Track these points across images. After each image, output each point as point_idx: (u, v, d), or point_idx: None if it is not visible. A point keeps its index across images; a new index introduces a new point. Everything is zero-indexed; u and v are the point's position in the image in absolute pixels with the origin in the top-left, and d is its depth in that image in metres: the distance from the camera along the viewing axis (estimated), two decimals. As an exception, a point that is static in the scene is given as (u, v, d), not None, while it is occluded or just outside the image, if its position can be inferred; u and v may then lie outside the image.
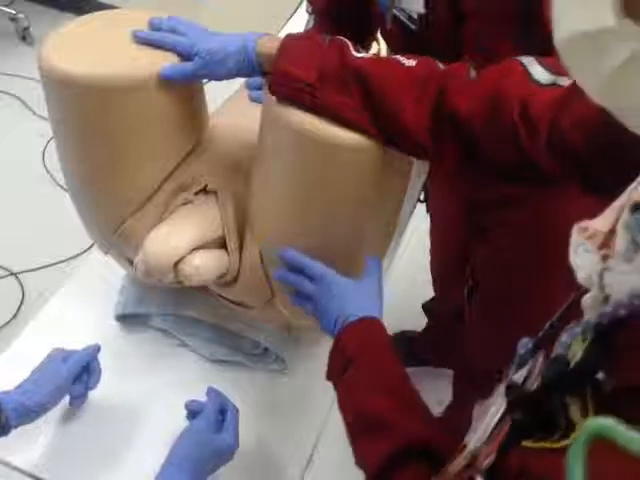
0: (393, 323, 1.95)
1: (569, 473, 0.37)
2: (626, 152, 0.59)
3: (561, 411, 0.46)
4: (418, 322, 1.87)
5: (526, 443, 0.48)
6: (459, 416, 1.38)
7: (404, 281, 1.81)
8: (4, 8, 2.85)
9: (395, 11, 0.96)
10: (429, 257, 1.58)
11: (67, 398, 0.95)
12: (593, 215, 0.59)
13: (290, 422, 1.03)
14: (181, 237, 0.88)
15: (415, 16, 0.94)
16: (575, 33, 0.39)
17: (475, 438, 0.57)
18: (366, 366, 0.75)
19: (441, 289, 1.67)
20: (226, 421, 0.91)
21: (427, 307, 1.84)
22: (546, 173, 0.74)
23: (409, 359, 1.92)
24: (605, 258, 0.48)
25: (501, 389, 0.61)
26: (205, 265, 0.89)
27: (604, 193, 0.55)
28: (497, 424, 0.54)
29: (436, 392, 1.74)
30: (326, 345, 1.12)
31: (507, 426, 0.52)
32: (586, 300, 0.50)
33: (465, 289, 1.32)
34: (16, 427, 0.85)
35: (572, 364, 0.47)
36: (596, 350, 0.45)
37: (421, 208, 1.36)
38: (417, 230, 1.42)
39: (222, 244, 0.94)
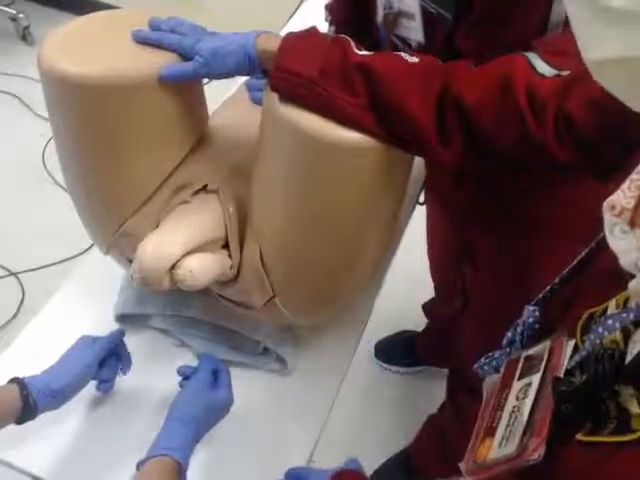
0: (393, 323, 1.98)
1: None
2: (637, 131, 0.58)
3: (611, 399, 0.45)
4: (418, 322, 1.87)
5: (581, 437, 0.47)
6: (452, 414, 1.38)
7: (404, 281, 1.81)
8: (4, 8, 2.85)
9: (393, 38, 0.96)
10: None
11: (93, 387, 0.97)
12: (577, 236, 0.59)
13: (290, 422, 1.03)
14: (173, 241, 0.87)
15: (414, 44, 0.94)
16: (619, 57, 0.39)
17: (504, 421, 0.56)
18: None
19: (439, 292, 1.67)
20: (219, 379, 0.94)
21: (427, 308, 1.84)
22: (551, 159, 0.74)
23: (409, 359, 1.93)
24: None
25: (518, 368, 0.59)
26: (200, 268, 0.88)
27: (612, 174, 0.55)
28: (532, 409, 0.53)
29: (436, 392, 1.74)
30: (326, 345, 1.13)
31: (548, 414, 0.51)
32: (634, 285, 0.49)
33: (457, 302, 1.33)
34: (44, 410, 0.87)
35: (629, 357, 0.46)
36: None
37: (421, 208, 1.37)
38: (417, 230, 1.42)
39: (221, 245, 0.94)
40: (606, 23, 0.39)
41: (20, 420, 0.84)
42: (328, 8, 1.16)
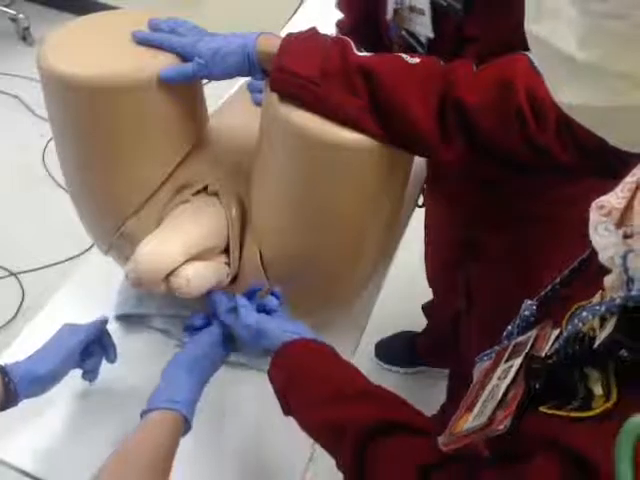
0: (393, 323, 1.98)
1: (618, 473, 0.38)
2: None
3: (581, 381, 0.48)
4: (418, 322, 1.87)
5: (543, 409, 0.49)
6: (453, 414, 1.36)
7: (404, 281, 1.81)
8: (4, 8, 2.86)
9: (403, 33, 0.97)
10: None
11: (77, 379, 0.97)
12: (584, 235, 0.60)
13: (290, 422, 1.03)
14: (172, 248, 0.87)
15: (423, 40, 0.94)
16: (591, 106, 0.40)
17: (483, 398, 0.58)
18: (303, 384, 0.80)
19: (437, 294, 1.67)
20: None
21: (426, 309, 1.84)
22: (554, 160, 0.74)
23: (409, 359, 1.93)
24: (627, 237, 0.49)
25: (506, 353, 0.61)
26: (197, 278, 0.88)
27: (614, 176, 0.55)
28: (508, 387, 0.55)
29: (436, 392, 1.74)
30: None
31: (520, 391, 0.53)
32: (608, 280, 0.51)
33: (460, 303, 1.33)
34: (26, 397, 0.86)
35: (597, 342, 0.48)
36: (621, 330, 0.46)
37: (420, 209, 1.37)
38: (416, 231, 1.42)
39: (220, 250, 0.94)
40: (572, 73, 0.40)
41: (1, 407, 0.84)
42: (339, 25, 1.16)
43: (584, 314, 0.51)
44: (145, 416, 0.81)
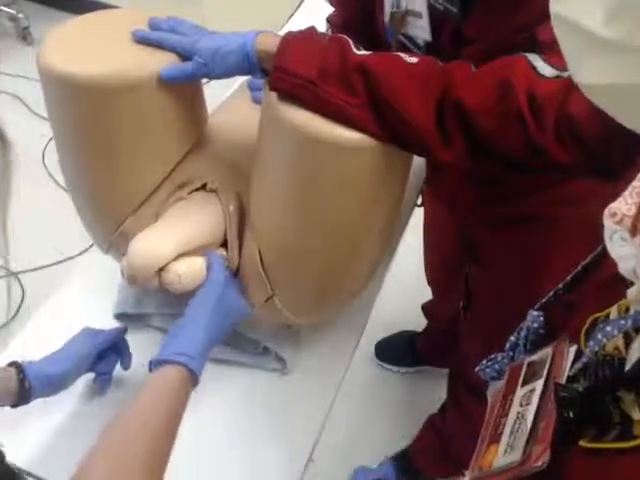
0: (393, 323, 1.98)
1: None
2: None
3: (614, 405, 0.46)
4: (418, 322, 1.87)
5: (584, 443, 0.47)
6: (453, 414, 1.38)
7: (404, 281, 1.81)
8: (4, 8, 2.86)
9: (400, 37, 0.96)
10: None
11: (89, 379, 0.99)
12: (584, 236, 0.59)
13: (290, 422, 1.03)
14: (165, 242, 0.87)
15: (421, 43, 0.94)
16: (610, 84, 0.39)
17: (509, 428, 0.56)
18: None
19: (437, 294, 1.67)
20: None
21: (426, 309, 1.84)
22: (553, 160, 0.74)
23: (409, 359, 1.93)
24: None
25: (521, 374, 0.59)
26: (188, 274, 0.87)
27: (614, 177, 0.55)
28: (535, 416, 0.53)
29: (436, 392, 1.74)
30: (326, 344, 1.13)
31: (552, 421, 0.51)
32: (632, 292, 0.49)
33: (460, 304, 1.33)
34: (38, 397, 0.87)
35: (628, 366, 0.46)
36: None
37: (421, 209, 1.37)
38: (416, 231, 1.42)
39: (217, 245, 0.94)
40: (596, 50, 0.39)
41: (15, 404, 0.85)
42: (330, 20, 1.15)
43: (608, 329, 0.48)
44: (154, 368, 0.77)
